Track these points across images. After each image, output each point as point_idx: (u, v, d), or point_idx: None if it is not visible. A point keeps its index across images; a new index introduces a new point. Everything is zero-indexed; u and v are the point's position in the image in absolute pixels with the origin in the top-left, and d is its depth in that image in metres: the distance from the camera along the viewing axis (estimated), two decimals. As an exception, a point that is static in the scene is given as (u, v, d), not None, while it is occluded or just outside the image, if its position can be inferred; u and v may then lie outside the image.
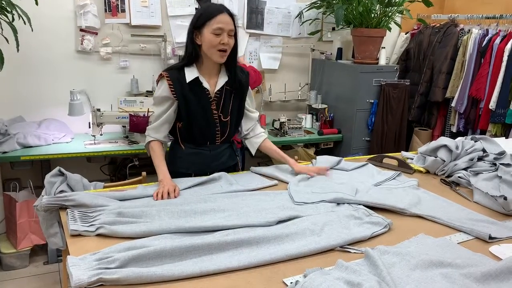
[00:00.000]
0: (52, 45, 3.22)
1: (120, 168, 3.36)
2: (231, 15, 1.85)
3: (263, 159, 3.87)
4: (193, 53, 1.89)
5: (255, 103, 2.16)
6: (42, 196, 1.70)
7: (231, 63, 1.94)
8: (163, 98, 1.92)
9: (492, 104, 3.47)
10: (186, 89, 1.89)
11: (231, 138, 2.09)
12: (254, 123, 2.12)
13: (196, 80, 1.90)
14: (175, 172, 1.97)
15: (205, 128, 1.97)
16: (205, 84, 1.92)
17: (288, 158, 2.06)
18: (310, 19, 3.93)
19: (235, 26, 1.86)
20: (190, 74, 1.89)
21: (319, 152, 3.76)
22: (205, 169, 2.00)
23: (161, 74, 1.92)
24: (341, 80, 3.82)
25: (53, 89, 3.28)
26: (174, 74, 1.90)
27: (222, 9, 1.84)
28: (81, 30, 3.25)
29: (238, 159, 2.17)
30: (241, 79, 1.99)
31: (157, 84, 1.97)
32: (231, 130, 2.04)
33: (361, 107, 3.71)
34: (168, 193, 1.69)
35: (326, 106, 3.91)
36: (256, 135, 2.12)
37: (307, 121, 3.97)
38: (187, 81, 1.88)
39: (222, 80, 1.95)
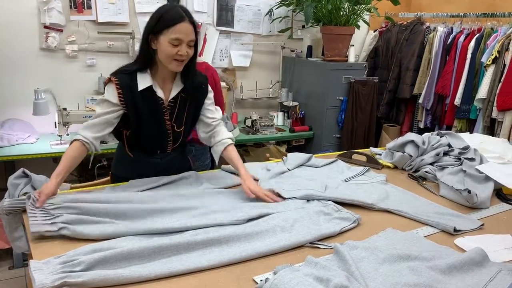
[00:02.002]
0: (15, 42, 3.11)
1: (89, 169, 3.28)
2: (193, 23, 1.66)
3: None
4: (147, 58, 1.70)
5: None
6: (5, 199, 1.64)
7: (188, 71, 1.76)
8: (108, 102, 1.71)
9: (457, 100, 3.57)
10: (137, 98, 1.71)
11: (183, 144, 1.97)
12: (211, 128, 1.88)
13: (149, 88, 1.73)
14: (125, 178, 1.81)
15: (156, 138, 1.83)
16: (159, 93, 1.75)
17: (241, 172, 1.79)
18: (280, 17, 3.94)
19: (195, 34, 1.68)
20: (143, 81, 1.71)
21: (290, 149, 3.78)
22: (158, 176, 1.85)
23: (109, 79, 1.72)
24: (312, 77, 3.85)
25: (16, 88, 3.17)
26: (124, 80, 1.70)
27: (183, 16, 1.64)
28: (46, 27, 3.16)
29: (191, 161, 2.07)
30: (198, 86, 1.81)
31: (104, 86, 1.75)
32: (184, 139, 1.91)
33: (331, 104, 3.74)
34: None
35: (297, 103, 3.93)
36: (218, 142, 1.87)
37: (278, 118, 3.99)
38: (139, 89, 1.71)
39: (177, 87, 1.79)
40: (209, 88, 1.90)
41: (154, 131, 1.81)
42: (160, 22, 1.64)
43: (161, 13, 1.67)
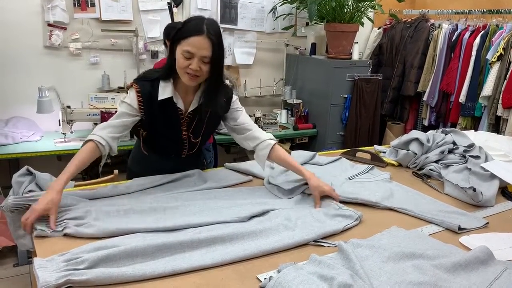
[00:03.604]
0: (19, 40, 3.12)
1: (92, 167, 3.28)
2: (211, 39, 1.54)
3: (239, 154, 3.87)
4: (171, 66, 1.64)
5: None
6: (9, 196, 1.64)
7: (210, 87, 1.67)
8: (129, 105, 1.68)
9: (462, 98, 3.55)
10: (156, 106, 1.67)
11: (199, 151, 1.97)
12: (243, 132, 1.80)
13: (170, 99, 1.68)
14: (139, 173, 1.82)
15: (171, 145, 1.82)
16: (179, 104, 1.70)
17: (304, 171, 1.72)
18: (284, 14, 3.93)
19: (215, 51, 1.56)
20: (164, 91, 1.66)
21: (294, 147, 3.78)
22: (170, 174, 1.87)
23: (132, 84, 1.69)
24: (315, 75, 3.84)
25: (20, 86, 3.18)
26: (146, 87, 1.66)
27: (201, 29, 1.54)
28: (49, 25, 3.16)
29: (205, 162, 2.08)
30: (220, 102, 1.71)
31: (126, 90, 1.74)
32: (200, 147, 1.90)
33: (335, 102, 3.74)
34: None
35: (301, 101, 3.92)
36: (259, 145, 1.77)
37: (282, 116, 3.99)
38: (159, 99, 1.66)
39: (198, 99, 1.72)
40: (234, 96, 1.81)
41: (170, 139, 1.80)
42: (180, 31, 1.59)
43: (184, 22, 1.62)
